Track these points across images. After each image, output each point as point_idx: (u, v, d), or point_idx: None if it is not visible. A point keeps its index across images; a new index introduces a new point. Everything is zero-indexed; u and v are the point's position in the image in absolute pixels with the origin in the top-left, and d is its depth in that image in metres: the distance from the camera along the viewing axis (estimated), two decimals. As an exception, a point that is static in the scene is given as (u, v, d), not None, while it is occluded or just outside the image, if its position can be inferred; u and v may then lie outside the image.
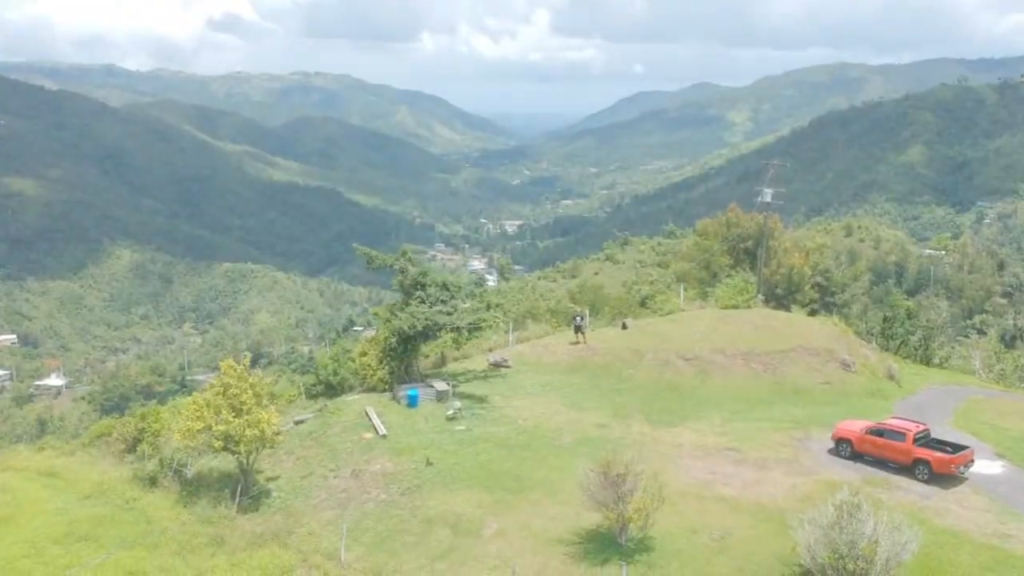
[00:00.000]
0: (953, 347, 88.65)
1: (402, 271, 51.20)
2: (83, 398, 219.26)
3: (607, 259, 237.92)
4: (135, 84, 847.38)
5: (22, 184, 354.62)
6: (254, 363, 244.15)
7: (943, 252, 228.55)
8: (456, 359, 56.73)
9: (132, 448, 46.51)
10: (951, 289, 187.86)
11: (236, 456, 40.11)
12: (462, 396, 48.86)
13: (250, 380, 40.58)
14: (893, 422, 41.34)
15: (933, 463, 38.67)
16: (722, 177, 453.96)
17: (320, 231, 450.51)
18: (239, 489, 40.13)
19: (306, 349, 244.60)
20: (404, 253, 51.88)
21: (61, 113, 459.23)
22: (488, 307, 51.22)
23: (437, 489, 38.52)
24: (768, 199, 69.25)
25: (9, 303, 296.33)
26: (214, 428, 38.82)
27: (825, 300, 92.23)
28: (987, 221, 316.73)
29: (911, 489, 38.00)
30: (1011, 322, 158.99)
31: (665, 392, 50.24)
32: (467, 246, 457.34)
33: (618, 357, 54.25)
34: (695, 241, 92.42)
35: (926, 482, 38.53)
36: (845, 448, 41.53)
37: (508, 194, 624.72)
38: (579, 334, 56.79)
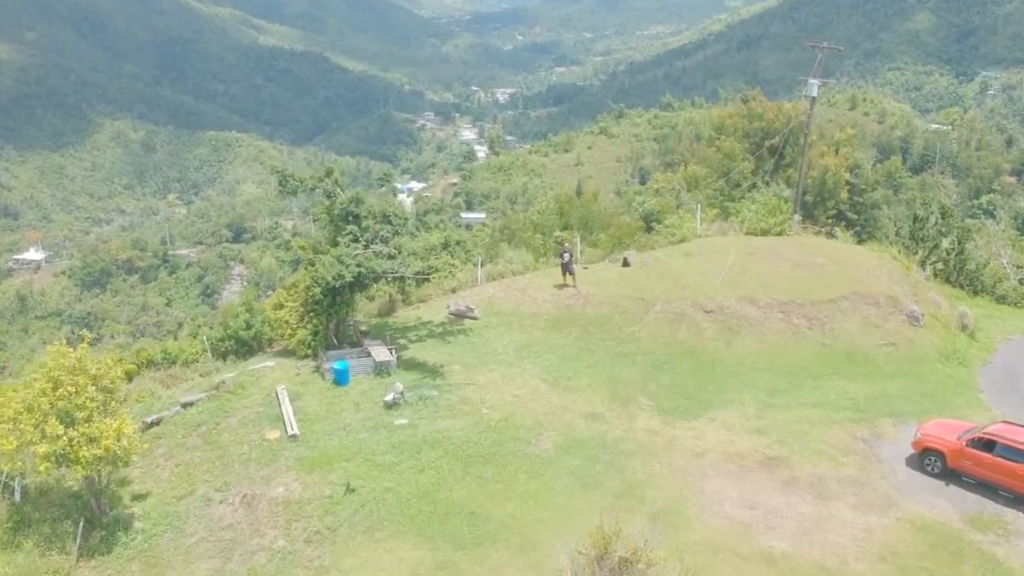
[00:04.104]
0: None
1: (328, 195, 37.59)
2: (63, 273, 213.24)
3: (601, 132, 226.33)
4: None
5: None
6: (236, 237, 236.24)
7: (949, 127, 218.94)
8: (410, 302, 44.15)
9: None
10: (957, 167, 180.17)
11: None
12: (410, 366, 36.44)
13: (92, 372, 28.16)
14: (1005, 430, 29.31)
15: (1068, 499, 27.13)
16: (721, 44, 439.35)
17: (307, 98, 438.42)
18: (85, 519, 28.48)
19: (290, 224, 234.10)
20: (330, 172, 37.56)
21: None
22: (446, 245, 37.81)
23: (357, 536, 26.75)
24: (815, 92, 54.13)
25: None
26: (35, 446, 26.68)
27: (854, 200, 79.40)
28: (991, 92, 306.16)
29: (1037, 537, 26.61)
30: (1023, 203, 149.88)
31: (680, 360, 37.75)
32: (457, 115, 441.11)
33: (617, 308, 41.37)
34: (708, 138, 78.17)
35: (1054, 523, 27.12)
36: (934, 462, 29.80)
37: (500, 61, 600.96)
38: (567, 275, 43.79)
